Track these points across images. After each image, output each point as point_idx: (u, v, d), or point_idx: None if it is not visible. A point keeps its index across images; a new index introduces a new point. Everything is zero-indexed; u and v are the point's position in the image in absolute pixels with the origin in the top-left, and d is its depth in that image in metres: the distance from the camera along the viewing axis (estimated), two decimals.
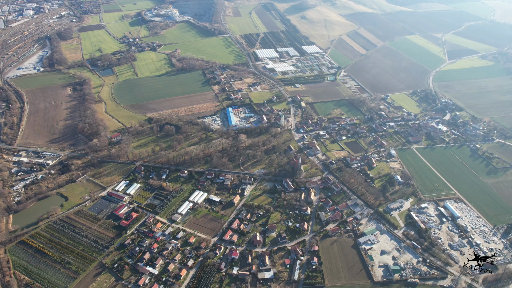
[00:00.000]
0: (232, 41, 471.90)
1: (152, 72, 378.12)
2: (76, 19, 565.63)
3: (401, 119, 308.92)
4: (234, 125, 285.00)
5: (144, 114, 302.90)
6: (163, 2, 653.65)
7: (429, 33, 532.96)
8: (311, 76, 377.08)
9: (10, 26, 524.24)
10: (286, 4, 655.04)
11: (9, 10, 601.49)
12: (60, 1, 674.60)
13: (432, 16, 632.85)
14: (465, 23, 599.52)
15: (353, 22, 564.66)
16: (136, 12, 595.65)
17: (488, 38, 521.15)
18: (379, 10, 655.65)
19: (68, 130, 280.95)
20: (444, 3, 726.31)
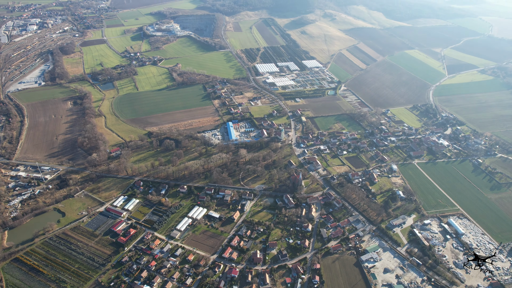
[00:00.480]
0: (233, 55, 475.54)
1: (152, 86, 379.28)
2: (78, 34, 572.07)
3: (402, 133, 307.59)
4: (234, 139, 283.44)
5: (144, 128, 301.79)
6: (165, 17, 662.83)
7: (428, 48, 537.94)
8: (312, 91, 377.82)
9: (14, 41, 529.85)
10: (286, 19, 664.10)
11: (13, 26, 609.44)
12: (63, 16, 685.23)
13: (431, 31, 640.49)
14: (464, 38, 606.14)
15: (353, 37, 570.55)
16: (138, 27, 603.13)
17: (487, 53, 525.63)
18: (378, 25, 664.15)
19: (67, 144, 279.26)
20: (442, 19, 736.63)
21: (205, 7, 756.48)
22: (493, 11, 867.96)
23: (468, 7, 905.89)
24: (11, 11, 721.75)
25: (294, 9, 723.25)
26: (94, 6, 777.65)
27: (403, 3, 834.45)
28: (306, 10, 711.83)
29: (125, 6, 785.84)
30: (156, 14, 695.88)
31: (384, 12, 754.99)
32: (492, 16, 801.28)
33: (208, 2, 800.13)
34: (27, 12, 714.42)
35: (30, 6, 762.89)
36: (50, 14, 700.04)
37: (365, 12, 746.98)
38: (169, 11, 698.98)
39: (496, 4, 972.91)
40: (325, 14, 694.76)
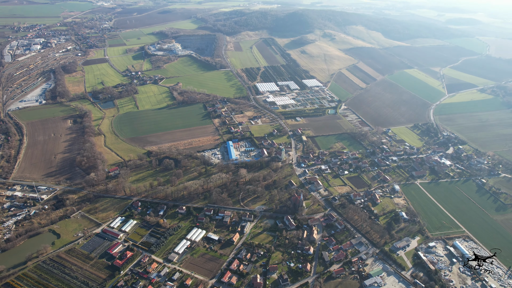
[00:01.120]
0: (233, 74, 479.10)
1: (153, 105, 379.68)
2: (81, 53, 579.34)
3: (404, 153, 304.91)
4: (234, 159, 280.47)
5: (144, 147, 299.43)
6: (166, 37, 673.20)
7: (427, 67, 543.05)
8: (312, 110, 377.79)
9: (17, 60, 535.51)
10: (286, 39, 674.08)
11: (17, 45, 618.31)
12: (67, 36, 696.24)
13: (429, 50, 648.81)
14: (462, 57, 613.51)
15: (352, 57, 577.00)
16: (140, 46, 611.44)
17: (485, 72, 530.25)
18: (377, 44, 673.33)
19: (65, 163, 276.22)
20: (440, 39, 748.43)
21: (206, 27, 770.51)
22: (489, 31, 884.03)
23: (464, 27, 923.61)
24: (16, 31, 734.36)
25: (294, 29, 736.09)
26: (98, 26, 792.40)
27: (401, 24, 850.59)
28: (305, 30, 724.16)
29: (128, 26, 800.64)
30: (158, 34, 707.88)
31: (383, 32, 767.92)
32: (489, 36, 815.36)
33: (209, 22, 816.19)
34: (31, 32, 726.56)
35: (35, 26, 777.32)
36: (54, 34, 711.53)
37: (364, 32, 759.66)
38: (171, 31, 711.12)
39: (492, 25, 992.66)
40: (325, 34, 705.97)
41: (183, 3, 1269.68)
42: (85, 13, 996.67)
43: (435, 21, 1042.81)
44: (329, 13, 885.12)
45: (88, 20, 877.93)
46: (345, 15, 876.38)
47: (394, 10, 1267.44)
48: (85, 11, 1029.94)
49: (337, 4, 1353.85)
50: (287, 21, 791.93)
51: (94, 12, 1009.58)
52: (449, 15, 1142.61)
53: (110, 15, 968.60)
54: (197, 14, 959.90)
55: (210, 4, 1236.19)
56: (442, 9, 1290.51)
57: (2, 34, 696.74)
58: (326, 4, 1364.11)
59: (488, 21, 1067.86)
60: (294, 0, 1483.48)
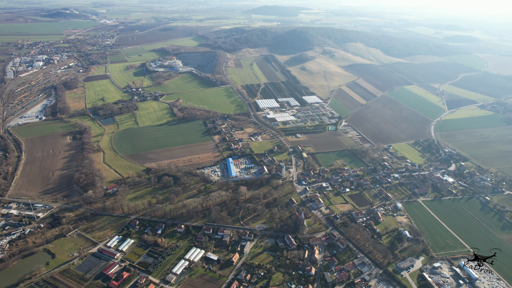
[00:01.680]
0: (234, 91, 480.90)
1: (153, 122, 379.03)
2: (83, 69, 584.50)
3: (405, 170, 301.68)
4: (234, 176, 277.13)
5: (143, 164, 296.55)
6: (168, 53, 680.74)
7: (427, 84, 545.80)
8: (312, 126, 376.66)
9: (19, 77, 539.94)
10: (286, 56, 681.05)
11: (20, 62, 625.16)
12: (69, 53, 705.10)
13: (428, 67, 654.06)
14: (461, 74, 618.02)
15: (352, 73, 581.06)
16: (141, 63, 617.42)
17: (484, 88, 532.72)
18: (377, 61, 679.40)
19: (63, 180, 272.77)
20: (439, 55, 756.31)
21: (207, 44, 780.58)
22: (486, 48, 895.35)
23: (462, 44, 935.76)
24: (19, 48, 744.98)
25: (294, 47, 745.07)
26: (100, 43, 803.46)
27: (400, 41, 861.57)
28: (305, 47, 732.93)
29: (130, 43, 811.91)
30: (159, 51, 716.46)
31: (382, 49, 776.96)
32: (486, 53, 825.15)
33: (210, 39, 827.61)
34: (35, 49, 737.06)
35: (39, 43, 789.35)
36: (57, 51, 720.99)
37: (363, 49, 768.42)
38: (172, 48, 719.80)
39: (489, 42, 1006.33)
40: (324, 51, 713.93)
41: (184, 21, 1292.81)
42: (88, 30, 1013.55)
43: (433, 38, 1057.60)
44: (328, 30, 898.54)
45: (90, 37, 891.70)
46: (344, 33, 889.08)
47: (393, 28, 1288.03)
48: (88, 28, 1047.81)
49: (336, 22, 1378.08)
50: (287, 39, 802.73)
51: (96, 30, 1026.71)
52: (446, 33, 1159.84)
53: (113, 32, 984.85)
54: (198, 31, 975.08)
55: (211, 22, 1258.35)
56: (440, 26, 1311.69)
57: (6, 51, 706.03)
58: (325, 22, 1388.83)
59: (485, 38, 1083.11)
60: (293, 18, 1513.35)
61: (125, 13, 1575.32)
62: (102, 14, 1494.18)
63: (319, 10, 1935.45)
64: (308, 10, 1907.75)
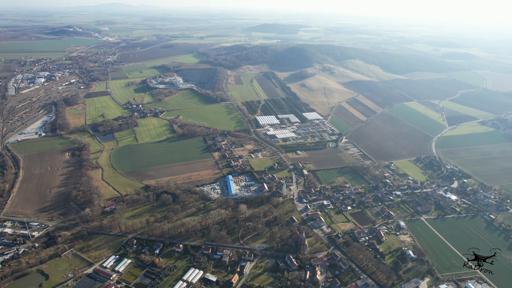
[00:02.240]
0: (234, 108, 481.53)
1: (152, 138, 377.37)
2: (84, 86, 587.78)
3: (407, 187, 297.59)
4: (234, 194, 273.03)
5: (141, 181, 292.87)
6: (168, 70, 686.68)
7: (427, 100, 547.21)
8: (313, 143, 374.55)
9: (21, 93, 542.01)
10: (286, 73, 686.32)
11: (22, 78, 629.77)
12: (71, 69, 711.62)
13: (427, 84, 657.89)
14: (460, 90, 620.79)
15: (352, 90, 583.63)
16: (142, 79, 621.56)
17: (484, 104, 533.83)
18: (376, 78, 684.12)
19: (60, 198, 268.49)
20: (437, 72, 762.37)
21: (207, 61, 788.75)
22: (484, 65, 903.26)
23: (460, 61, 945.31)
24: (22, 65, 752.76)
25: (294, 63, 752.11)
26: (102, 60, 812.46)
27: (399, 57, 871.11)
28: (305, 64, 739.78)
29: (131, 60, 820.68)
30: (160, 68, 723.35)
31: (381, 66, 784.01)
32: (484, 70, 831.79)
33: (210, 56, 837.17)
34: (37, 66, 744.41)
35: (41, 60, 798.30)
36: (59, 68, 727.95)
37: (363, 66, 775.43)
38: (173, 65, 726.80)
39: (486, 59, 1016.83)
40: (324, 68, 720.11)
41: (185, 38, 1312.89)
42: (91, 47, 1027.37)
43: (431, 55, 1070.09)
44: (327, 47, 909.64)
45: (92, 54, 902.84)
46: (343, 50, 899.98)
47: (391, 45, 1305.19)
48: (91, 45, 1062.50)
49: (335, 39, 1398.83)
50: (286, 56, 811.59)
51: (99, 47, 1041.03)
52: (444, 50, 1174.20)
53: (114, 49, 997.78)
54: (199, 48, 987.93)
55: (212, 40, 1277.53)
56: (437, 44, 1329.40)
57: (9, 68, 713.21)
58: (325, 39, 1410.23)
59: (483, 55, 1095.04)
60: (293, 36, 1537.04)
61: (127, 30, 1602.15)
62: (104, 31, 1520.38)
63: (318, 28, 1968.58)
64: (308, 28, 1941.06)
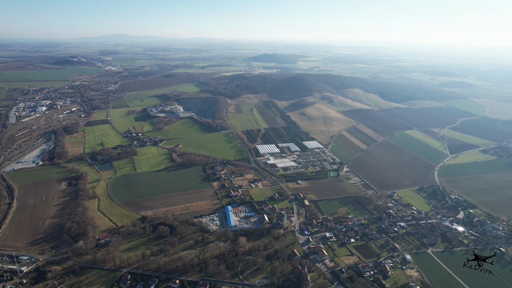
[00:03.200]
0: (234, 136, 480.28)
1: (151, 167, 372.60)
2: (84, 114, 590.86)
3: (412, 218, 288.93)
4: (233, 225, 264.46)
5: (138, 212, 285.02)
6: (169, 99, 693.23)
7: (427, 128, 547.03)
8: (313, 172, 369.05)
9: (21, 121, 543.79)
10: (286, 102, 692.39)
11: (24, 107, 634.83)
12: (73, 98, 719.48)
13: (427, 112, 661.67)
14: (459, 118, 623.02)
15: (352, 118, 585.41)
16: (142, 108, 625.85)
17: (484, 133, 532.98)
18: (376, 106, 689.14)
19: (53, 229, 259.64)
20: (436, 100, 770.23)
21: (208, 90, 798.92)
22: (482, 94, 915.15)
23: (458, 90, 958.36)
24: (25, 93, 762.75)
25: (293, 92, 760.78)
26: (103, 89, 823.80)
27: (397, 86, 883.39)
28: (304, 93, 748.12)
29: (132, 89, 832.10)
30: (161, 96, 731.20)
31: (380, 95, 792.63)
32: (482, 98, 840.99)
33: (211, 85, 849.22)
34: (40, 94, 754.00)
35: (44, 89, 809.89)
36: (61, 96, 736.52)
37: (362, 95, 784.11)
38: (174, 94, 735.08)
39: (483, 88, 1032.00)
40: (323, 97, 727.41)
41: (187, 68, 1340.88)
42: (93, 77, 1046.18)
43: (429, 84, 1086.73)
44: (326, 77, 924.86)
45: (95, 83, 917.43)
46: (342, 79, 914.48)
47: (389, 74, 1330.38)
48: (93, 75, 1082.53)
49: (334, 69, 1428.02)
50: (286, 85, 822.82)
51: (101, 76, 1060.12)
52: (441, 79, 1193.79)
53: (116, 78, 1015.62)
54: (199, 78, 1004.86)
55: (213, 69, 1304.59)
56: (434, 73, 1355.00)
57: (12, 96, 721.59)
58: (323, 68, 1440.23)
59: (479, 84, 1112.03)
60: (292, 65, 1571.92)
61: (129, 60, 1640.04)
62: (107, 61, 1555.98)
63: (317, 58, 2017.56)
64: (306, 57, 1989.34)
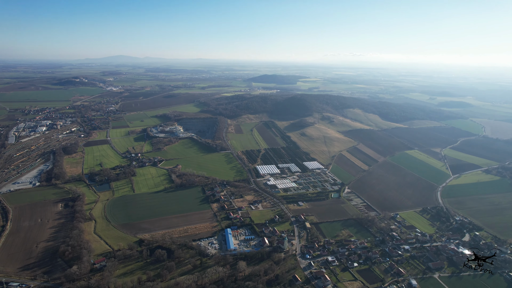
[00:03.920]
0: (234, 157, 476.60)
1: (150, 188, 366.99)
2: (84, 134, 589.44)
3: (416, 241, 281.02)
4: (232, 249, 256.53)
5: (136, 235, 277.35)
6: (169, 119, 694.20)
7: (428, 148, 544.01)
8: (314, 193, 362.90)
9: (20, 141, 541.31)
10: (286, 122, 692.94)
11: (24, 127, 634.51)
12: (73, 118, 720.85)
13: (427, 132, 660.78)
14: (460, 138, 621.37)
15: (352, 138, 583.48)
16: (142, 128, 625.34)
17: (486, 152, 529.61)
18: (376, 126, 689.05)
19: (47, 253, 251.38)
20: (436, 120, 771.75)
21: (208, 110, 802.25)
22: (481, 113, 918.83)
23: (457, 110, 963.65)
24: (26, 114, 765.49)
25: (293, 113, 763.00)
26: (104, 109, 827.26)
27: (397, 106, 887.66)
28: (304, 114, 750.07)
29: (133, 109, 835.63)
30: (161, 117, 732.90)
31: (380, 115, 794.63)
32: (481, 118, 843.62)
33: (211, 106, 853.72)
34: (40, 114, 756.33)
35: (45, 109, 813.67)
36: (62, 116, 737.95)
37: (362, 115, 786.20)
38: (174, 114, 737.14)
39: (482, 108, 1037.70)
40: (323, 117, 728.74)
41: (187, 88, 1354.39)
42: (94, 97, 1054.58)
43: (428, 104, 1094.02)
44: (326, 97, 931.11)
45: (95, 103, 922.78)
46: (341, 99, 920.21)
47: (388, 94, 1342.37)
48: (95, 95, 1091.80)
49: (333, 89, 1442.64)
50: (286, 105, 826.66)
51: (102, 96, 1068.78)
52: (440, 99, 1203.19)
53: (117, 98, 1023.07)
54: (200, 98, 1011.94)
55: (213, 90, 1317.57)
56: (433, 93, 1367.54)
57: (12, 117, 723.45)
58: (323, 89, 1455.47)
59: (478, 104, 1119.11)
60: (292, 86, 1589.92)
61: (131, 81, 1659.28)
62: (109, 82, 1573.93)
63: (316, 79, 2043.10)
64: (306, 78, 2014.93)
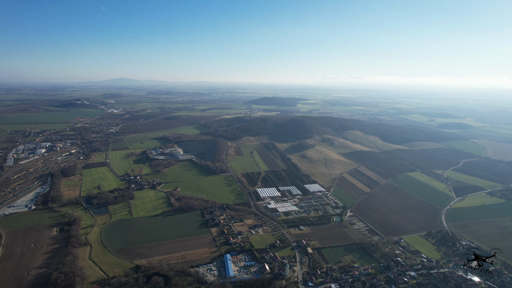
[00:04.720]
0: (234, 179, 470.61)
1: (148, 212, 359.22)
2: (83, 156, 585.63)
3: (422, 266, 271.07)
4: (232, 276, 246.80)
5: (132, 261, 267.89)
6: (169, 141, 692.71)
7: (430, 170, 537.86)
8: (316, 217, 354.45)
9: (19, 164, 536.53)
10: (286, 144, 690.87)
11: (23, 149, 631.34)
12: (73, 140, 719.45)
13: (428, 153, 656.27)
14: (462, 160, 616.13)
15: (353, 160, 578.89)
16: (142, 150, 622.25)
17: (489, 174, 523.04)
18: (376, 148, 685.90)
19: (38, 281, 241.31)
20: (436, 142, 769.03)
21: (208, 132, 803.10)
22: (481, 135, 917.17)
23: (457, 131, 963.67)
24: (26, 135, 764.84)
25: (294, 135, 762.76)
26: (104, 131, 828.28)
27: (397, 128, 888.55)
28: (305, 136, 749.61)
29: (133, 131, 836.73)
30: (161, 139, 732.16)
31: (380, 136, 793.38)
32: (482, 139, 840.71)
33: (211, 128, 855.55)
34: (40, 136, 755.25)
35: (45, 131, 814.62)
36: (62, 138, 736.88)
37: (362, 137, 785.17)
38: (174, 136, 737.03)
39: (482, 129, 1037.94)
40: (324, 139, 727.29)
41: (188, 111, 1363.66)
42: (95, 119, 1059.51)
43: (428, 125, 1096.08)
44: (326, 119, 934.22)
45: (96, 125, 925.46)
46: (341, 121, 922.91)
47: (388, 116, 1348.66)
48: (95, 117, 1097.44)
49: (333, 111, 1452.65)
50: (286, 127, 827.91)
51: (103, 118, 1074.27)
52: (440, 120, 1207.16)
53: (118, 120, 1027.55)
54: (200, 120, 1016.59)
55: (213, 112, 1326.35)
56: (432, 114, 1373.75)
57: (12, 139, 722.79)
58: (323, 111, 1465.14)
59: (478, 125, 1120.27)
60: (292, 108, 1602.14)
61: (132, 103, 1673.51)
62: (110, 104, 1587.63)
63: (316, 101, 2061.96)
64: (306, 100, 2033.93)
